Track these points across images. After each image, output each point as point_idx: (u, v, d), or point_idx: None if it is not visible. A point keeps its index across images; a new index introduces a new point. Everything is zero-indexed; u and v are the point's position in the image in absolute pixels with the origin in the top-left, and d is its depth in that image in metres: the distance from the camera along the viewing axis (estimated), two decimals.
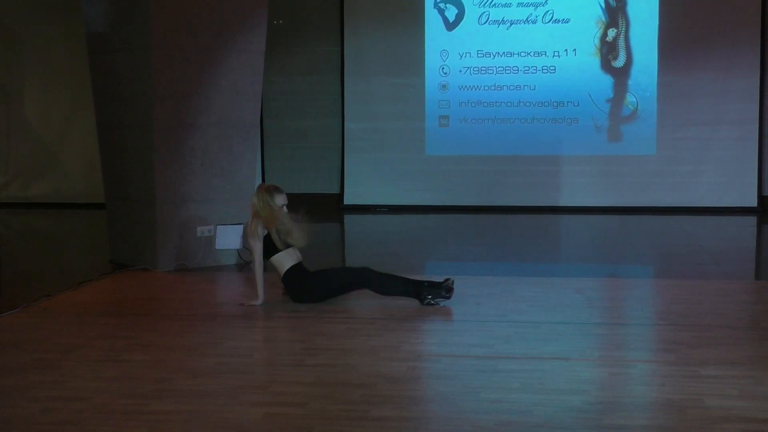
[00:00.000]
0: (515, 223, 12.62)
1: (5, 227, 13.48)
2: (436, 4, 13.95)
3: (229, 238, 8.88)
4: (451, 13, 13.94)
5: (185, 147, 8.78)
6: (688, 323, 6.50)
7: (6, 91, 14.89)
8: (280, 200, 7.16)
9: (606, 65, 13.64)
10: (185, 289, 8.00)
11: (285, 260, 7.12)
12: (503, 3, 13.77)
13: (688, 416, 4.58)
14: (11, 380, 5.26)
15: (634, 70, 13.59)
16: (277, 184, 7.44)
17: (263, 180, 14.07)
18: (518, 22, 13.76)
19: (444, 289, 7.08)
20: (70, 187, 14.69)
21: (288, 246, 7.12)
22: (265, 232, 7.10)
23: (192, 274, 8.63)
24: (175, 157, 8.75)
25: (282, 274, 7.17)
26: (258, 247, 7.12)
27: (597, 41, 13.62)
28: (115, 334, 6.31)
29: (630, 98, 13.61)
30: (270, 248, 7.13)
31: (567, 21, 13.65)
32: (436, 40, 13.97)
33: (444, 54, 13.95)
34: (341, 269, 7.94)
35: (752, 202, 13.38)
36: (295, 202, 7.38)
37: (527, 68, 13.76)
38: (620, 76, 13.62)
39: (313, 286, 7.16)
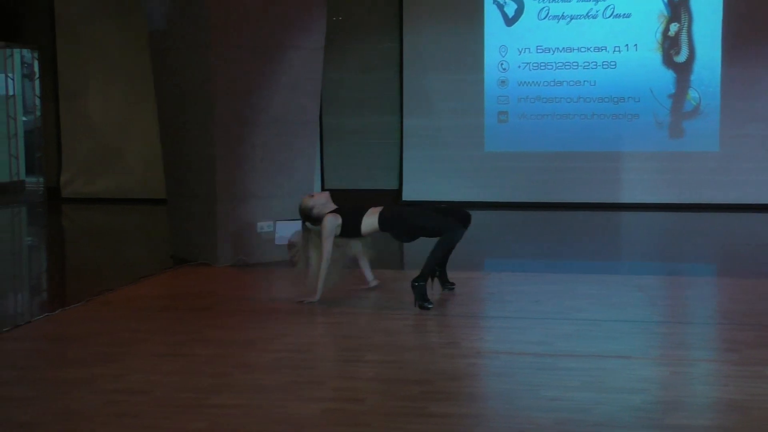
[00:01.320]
0: (575, 220, 12.52)
1: (69, 222, 13.70)
2: (495, 0, 13.89)
3: (288, 234, 8.92)
4: (511, 8, 13.86)
5: (245, 143, 8.84)
6: (751, 323, 6.39)
7: (71, 88, 15.12)
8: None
9: (668, 60, 13.48)
10: (245, 285, 8.06)
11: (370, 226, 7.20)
12: None
13: (751, 417, 4.50)
14: (75, 373, 5.34)
15: (697, 65, 13.41)
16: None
17: (322, 175, 14.13)
18: (578, 17, 13.65)
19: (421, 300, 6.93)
20: (131, 182, 14.89)
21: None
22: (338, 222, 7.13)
23: (251, 269, 8.69)
24: (235, 154, 8.81)
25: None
26: (329, 244, 7.10)
27: (659, 36, 13.45)
28: (175, 329, 6.37)
29: (692, 94, 13.43)
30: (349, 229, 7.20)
31: (628, 16, 13.50)
32: (496, 35, 13.91)
33: (503, 50, 13.88)
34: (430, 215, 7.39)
35: None
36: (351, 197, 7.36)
37: (587, 63, 13.64)
38: (682, 71, 13.45)
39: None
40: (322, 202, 7.22)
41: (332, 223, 7.10)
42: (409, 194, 14.16)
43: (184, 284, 8.10)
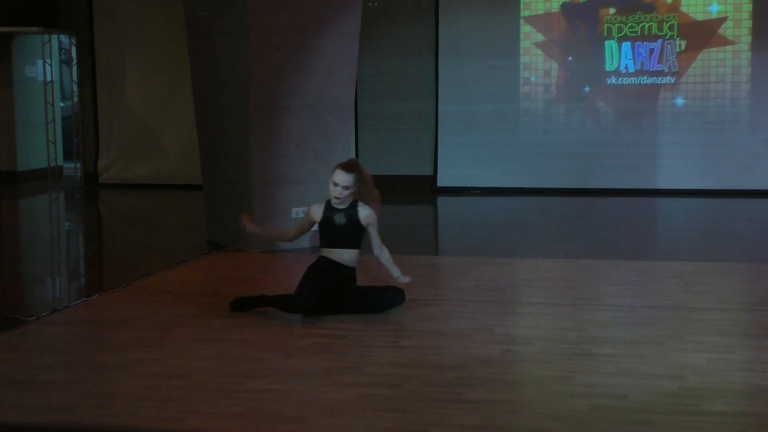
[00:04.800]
0: (612, 206, 12.44)
1: (107, 208, 13.82)
2: None
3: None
4: None
5: (281, 129, 8.87)
6: None
7: (108, 74, 15.22)
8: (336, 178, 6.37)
9: None
10: (280, 270, 8.10)
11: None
12: None
13: None
14: (114, 357, 5.40)
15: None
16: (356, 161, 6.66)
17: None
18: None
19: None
20: (169, 168, 14.97)
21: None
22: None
23: (286, 255, 8.72)
24: (270, 140, 8.84)
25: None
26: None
27: None
28: (212, 314, 6.42)
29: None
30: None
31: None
32: None
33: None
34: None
35: None
36: (386, 183, 7.17)
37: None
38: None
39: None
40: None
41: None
42: (444, 180, 14.14)
43: (220, 270, 8.16)
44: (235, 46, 8.79)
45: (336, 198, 6.39)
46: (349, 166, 6.44)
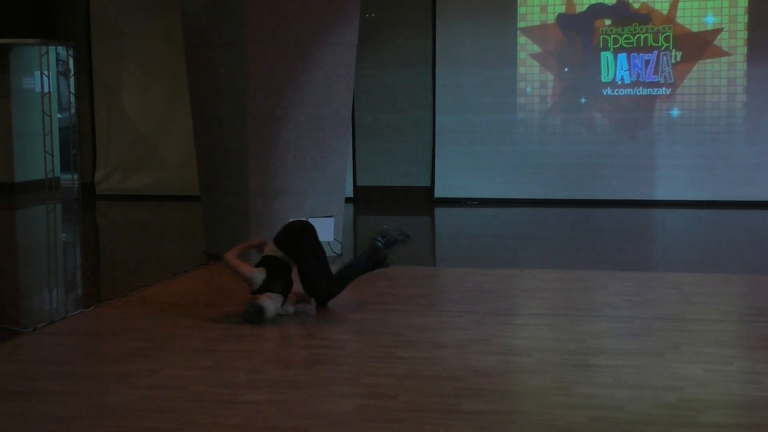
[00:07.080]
0: (610, 217, 12.44)
1: (105, 218, 13.80)
2: None
3: (321, 231, 8.92)
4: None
5: (278, 140, 8.87)
6: None
7: (106, 85, 15.23)
8: None
9: None
10: None
11: None
12: None
13: None
14: (111, 368, 5.39)
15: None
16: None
17: (354, 172, 14.14)
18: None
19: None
20: (167, 179, 14.96)
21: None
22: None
23: None
24: (268, 150, 8.84)
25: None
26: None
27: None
28: (209, 325, 6.41)
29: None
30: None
31: None
32: None
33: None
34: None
35: None
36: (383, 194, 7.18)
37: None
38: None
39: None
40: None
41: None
42: (441, 191, 14.13)
43: (218, 280, 8.14)
44: (233, 56, 8.80)
45: None
46: None
